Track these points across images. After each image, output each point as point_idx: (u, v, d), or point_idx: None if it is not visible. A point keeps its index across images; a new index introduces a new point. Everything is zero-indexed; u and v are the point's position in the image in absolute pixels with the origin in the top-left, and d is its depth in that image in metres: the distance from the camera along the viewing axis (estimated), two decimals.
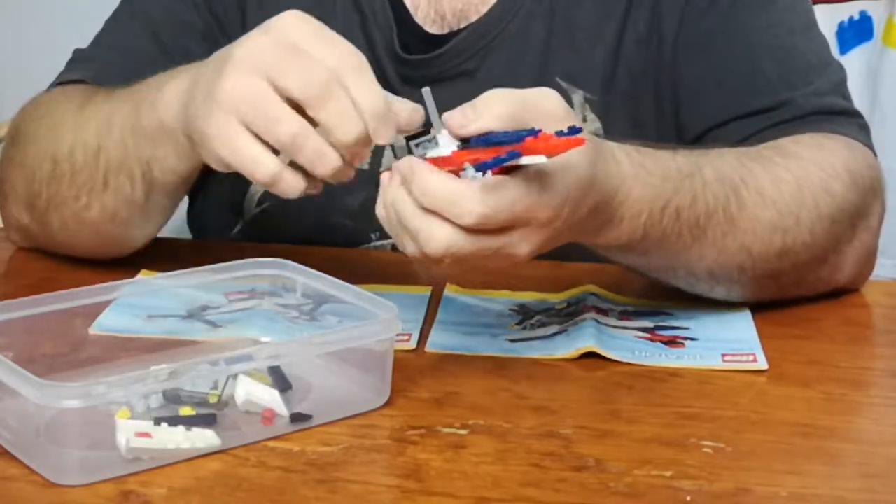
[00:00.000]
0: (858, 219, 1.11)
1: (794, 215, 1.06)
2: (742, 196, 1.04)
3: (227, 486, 0.82)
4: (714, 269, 1.05)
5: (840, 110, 1.20)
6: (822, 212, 1.08)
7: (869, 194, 1.13)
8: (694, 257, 1.04)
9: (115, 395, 0.83)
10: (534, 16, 1.25)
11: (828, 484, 0.84)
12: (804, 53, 1.22)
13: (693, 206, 1.01)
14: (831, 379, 0.99)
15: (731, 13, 1.22)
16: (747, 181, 1.05)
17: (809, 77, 1.20)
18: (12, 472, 0.83)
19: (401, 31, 1.26)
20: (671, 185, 1.00)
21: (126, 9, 1.31)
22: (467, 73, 1.25)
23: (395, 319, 0.91)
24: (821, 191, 1.08)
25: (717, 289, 1.09)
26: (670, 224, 1.00)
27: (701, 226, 1.02)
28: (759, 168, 1.07)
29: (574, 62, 1.25)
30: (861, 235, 1.12)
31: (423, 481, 0.83)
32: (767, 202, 1.05)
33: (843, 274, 1.13)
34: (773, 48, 1.21)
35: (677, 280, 1.08)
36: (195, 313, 1.04)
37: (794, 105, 1.18)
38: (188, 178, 1.08)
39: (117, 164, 1.09)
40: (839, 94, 1.22)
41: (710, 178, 1.03)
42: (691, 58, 1.23)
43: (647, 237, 1.00)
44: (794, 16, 1.24)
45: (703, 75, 1.22)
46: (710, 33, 1.22)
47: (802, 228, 1.07)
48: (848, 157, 1.12)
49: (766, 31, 1.22)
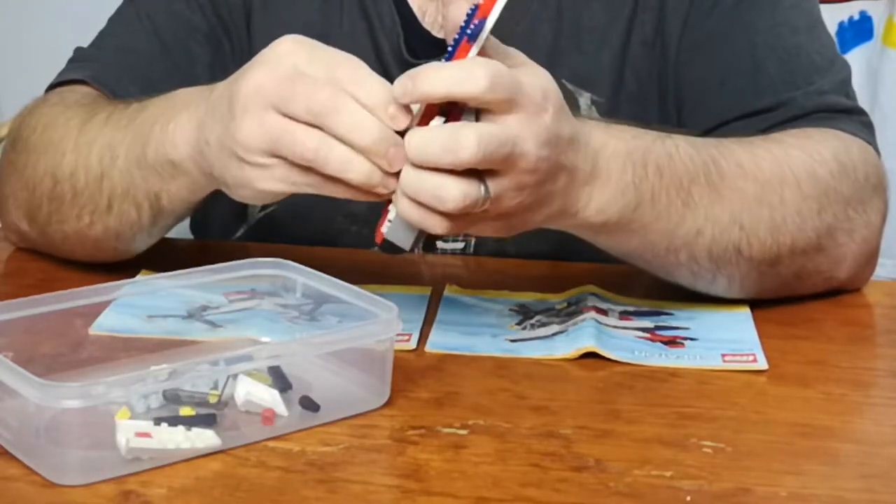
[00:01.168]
0: (853, 210, 1.11)
1: (777, 192, 1.06)
2: (720, 165, 1.05)
3: (227, 486, 0.82)
4: (712, 249, 1.05)
5: (842, 108, 1.19)
6: (807, 192, 1.08)
7: (865, 188, 1.12)
8: (691, 230, 1.04)
9: (115, 395, 0.83)
10: (541, 18, 1.25)
11: (828, 484, 0.84)
12: (808, 53, 1.22)
13: (671, 164, 1.02)
14: (831, 379, 0.99)
15: (735, 14, 1.22)
16: (724, 154, 1.06)
17: (812, 77, 1.20)
18: (12, 472, 0.83)
19: (408, 37, 1.26)
20: (643, 143, 1.01)
21: (129, 9, 1.30)
22: None
23: (395, 319, 0.92)
24: (803, 172, 1.08)
25: (719, 279, 1.08)
26: (657, 181, 1.01)
27: (686, 188, 1.02)
28: (736, 146, 1.08)
29: (581, 64, 1.25)
30: (860, 230, 1.12)
31: (423, 481, 0.83)
32: (748, 174, 1.06)
33: (844, 268, 1.13)
34: (777, 48, 1.21)
35: (680, 267, 1.07)
36: (195, 313, 1.04)
37: (795, 104, 1.18)
38: (198, 203, 1.09)
39: (122, 192, 1.09)
40: (842, 92, 1.21)
41: (682, 143, 1.04)
42: (694, 59, 1.23)
43: (641, 199, 1.00)
44: (799, 14, 1.24)
45: (705, 76, 1.23)
46: (713, 34, 1.22)
47: (788, 207, 1.07)
48: (837, 147, 1.12)
49: (769, 31, 1.22)
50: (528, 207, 0.95)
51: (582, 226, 1.01)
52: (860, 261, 1.14)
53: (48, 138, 1.15)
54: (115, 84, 1.22)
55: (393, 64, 1.25)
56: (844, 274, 1.13)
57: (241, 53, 1.28)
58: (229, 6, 1.29)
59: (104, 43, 1.29)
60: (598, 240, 1.05)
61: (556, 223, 1.00)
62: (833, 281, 1.13)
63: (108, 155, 1.09)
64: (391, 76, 1.24)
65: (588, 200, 0.99)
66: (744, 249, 1.06)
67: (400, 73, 1.24)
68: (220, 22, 1.28)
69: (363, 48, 1.27)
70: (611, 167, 0.99)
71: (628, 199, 1.00)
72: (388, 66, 1.25)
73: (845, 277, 1.14)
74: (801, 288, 1.11)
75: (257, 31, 1.28)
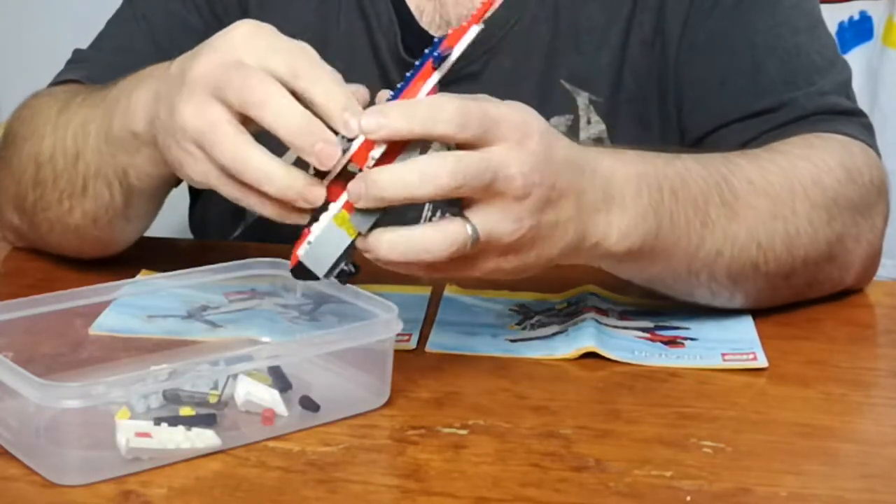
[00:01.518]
0: (860, 216, 1.11)
1: (788, 206, 1.06)
2: (732, 184, 1.04)
3: (227, 486, 0.82)
4: (731, 267, 1.04)
5: (843, 110, 1.19)
6: (816, 202, 1.07)
7: (870, 193, 1.12)
8: (711, 251, 1.02)
9: (115, 395, 0.83)
10: (538, 18, 1.25)
11: (828, 484, 0.84)
12: (808, 53, 1.22)
13: (685, 187, 1.00)
14: (831, 379, 0.99)
15: (735, 14, 1.22)
16: (734, 171, 1.05)
17: (812, 77, 1.20)
18: (12, 472, 0.83)
19: (405, 36, 1.26)
20: (653, 166, 0.99)
21: (127, 10, 1.31)
22: (472, 75, 1.24)
23: (395, 319, 0.92)
24: (810, 183, 1.08)
25: (736, 296, 1.07)
26: (673, 204, 0.99)
27: (702, 208, 1.01)
28: (744, 162, 1.07)
29: (579, 64, 1.24)
30: (867, 235, 1.12)
31: (423, 481, 0.83)
32: (759, 191, 1.05)
33: (852, 273, 1.13)
34: (777, 49, 1.21)
35: (700, 288, 1.06)
36: (195, 313, 1.04)
37: (796, 106, 1.18)
38: (167, 180, 1.07)
39: (95, 170, 1.08)
40: (843, 93, 1.21)
41: (692, 164, 1.03)
42: (695, 59, 1.23)
43: (661, 223, 0.98)
44: (800, 15, 1.24)
45: (705, 77, 1.22)
46: (713, 35, 1.22)
47: (801, 219, 1.06)
48: (842, 153, 1.12)
49: (769, 31, 1.22)
50: (535, 241, 0.91)
51: (606, 256, 0.98)
52: (866, 264, 1.14)
53: (33, 126, 1.16)
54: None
55: (390, 62, 1.26)
56: (852, 279, 1.14)
57: None
58: (225, 5, 1.29)
59: (101, 44, 1.30)
60: (622, 269, 1.04)
61: (578, 256, 0.96)
62: (841, 285, 1.13)
63: (82, 133, 1.08)
64: (388, 75, 1.25)
65: (608, 228, 0.95)
66: (761, 265, 1.05)
67: (397, 71, 1.25)
68: (217, 21, 1.28)
69: (360, 47, 1.27)
70: (625, 192, 0.96)
71: (649, 223, 0.98)
72: (386, 65, 1.25)
73: (853, 281, 1.14)
74: (812, 295, 1.12)
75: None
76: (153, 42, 1.27)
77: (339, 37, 1.27)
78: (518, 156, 0.88)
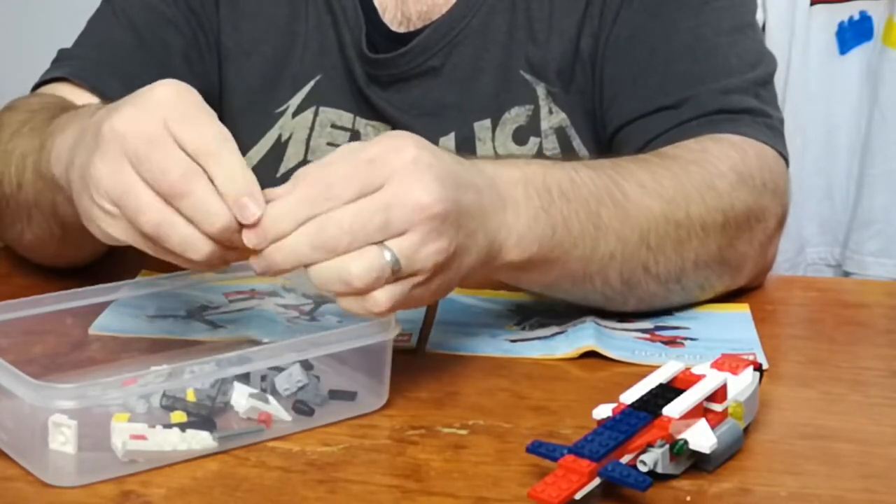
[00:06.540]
0: (753, 219, 1.10)
1: (682, 209, 1.05)
2: (623, 186, 1.03)
3: (227, 487, 0.82)
4: (623, 271, 1.03)
5: (745, 109, 1.18)
6: (710, 205, 1.07)
7: (763, 196, 1.11)
8: (605, 254, 1.01)
9: (111, 397, 0.83)
10: (495, 11, 1.26)
11: (828, 484, 0.84)
12: (725, 55, 1.21)
13: (575, 188, 1.00)
14: (831, 379, 0.99)
15: (659, 12, 1.22)
16: (624, 175, 1.04)
17: (720, 77, 1.19)
18: (11, 473, 0.83)
19: (370, 32, 1.27)
20: (539, 168, 0.99)
21: (107, 8, 1.32)
22: (432, 70, 1.26)
23: (395, 319, 0.91)
24: (704, 187, 1.07)
25: (629, 300, 1.07)
26: (564, 205, 0.98)
27: (594, 210, 1.00)
28: (634, 166, 1.06)
29: (536, 56, 1.25)
30: (759, 237, 1.11)
31: (423, 481, 0.83)
32: (651, 193, 1.04)
33: (744, 274, 1.13)
34: (694, 49, 1.20)
35: (594, 293, 1.05)
36: (195, 313, 1.04)
37: (696, 103, 1.17)
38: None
39: (34, 201, 1.07)
40: (751, 92, 1.19)
41: (580, 167, 1.02)
42: (616, 55, 1.23)
43: (555, 225, 0.97)
44: (726, 16, 1.22)
45: (621, 73, 1.22)
46: (635, 32, 1.22)
47: (695, 223, 1.06)
48: (735, 157, 1.11)
49: (690, 31, 1.21)
50: (457, 255, 0.90)
51: (508, 266, 0.97)
52: (759, 263, 1.13)
53: None
54: (95, 79, 1.24)
55: (354, 58, 1.27)
56: (744, 279, 1.13)
57: (215, 45, 1.30)
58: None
59: (83, 41, 1.31)
60: (523, 278, 1.02)
61: (485, 266, 0.95)
62: (733, 286, 1.13)
63: (21, 164, 1.08)
64: (353, 70, 1.27)
65: (507, 233, 0.95)
66: (651, 268, 1.04)
67: (360, 67, 1.26)
68: (193, 14, 1.29)
69: (328, 41, 1.28)
70: (514, 194, 0.95)
71: (542, 226, 0.97)
72: (350, 61, 1.27)
73: (745, 283, 1.14)
74: (704, 297, 1.11)
75: (225, 24, 1.30)
76: (134, 35, 1.28)
77: (308, 31, 1.29)
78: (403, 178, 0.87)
